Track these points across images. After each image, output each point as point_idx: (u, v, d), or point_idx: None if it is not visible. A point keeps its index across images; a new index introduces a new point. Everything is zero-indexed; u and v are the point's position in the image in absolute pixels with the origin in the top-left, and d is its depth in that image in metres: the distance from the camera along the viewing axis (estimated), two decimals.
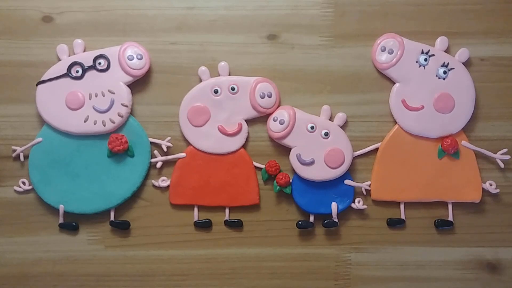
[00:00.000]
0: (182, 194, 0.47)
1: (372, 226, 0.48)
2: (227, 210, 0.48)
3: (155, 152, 0.47)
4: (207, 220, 0.47)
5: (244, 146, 0.47)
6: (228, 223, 0.48)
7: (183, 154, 0.47)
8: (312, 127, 0.46)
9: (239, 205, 0.47)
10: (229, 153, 0.47)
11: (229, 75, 0.47)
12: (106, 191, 0.46)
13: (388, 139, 0.47)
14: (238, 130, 0.46)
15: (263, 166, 0.47)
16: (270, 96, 0.46)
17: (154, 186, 0.47)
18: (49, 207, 0.47)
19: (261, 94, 0.46)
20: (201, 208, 0.47)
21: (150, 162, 0.47)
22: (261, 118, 0.47)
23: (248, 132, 0.47)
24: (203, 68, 0.47)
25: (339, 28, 0.47)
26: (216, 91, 0.46)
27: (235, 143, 0.47)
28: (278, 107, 0.46)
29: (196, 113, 0.46)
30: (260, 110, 0.46)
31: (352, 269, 0.48)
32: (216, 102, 0.46)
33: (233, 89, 0.46)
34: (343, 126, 0.47)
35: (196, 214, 0.47)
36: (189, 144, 0.47)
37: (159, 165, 0.47)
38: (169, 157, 0.47)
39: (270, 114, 0.46)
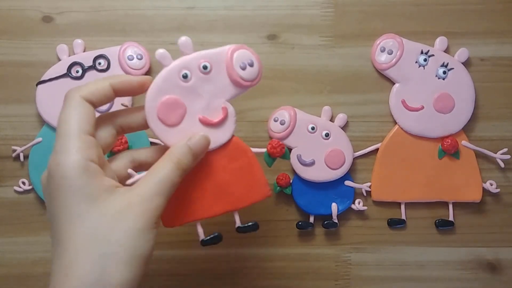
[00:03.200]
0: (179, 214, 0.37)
1: (372, 227, 0.48)
2: (236, 216, 0.38)
3: None
4: (217, 234, 0.38)
5: None
6: (241, 229, 0.39)
7: None
8: (313, 128, 0.46)
9: (249, 204, 0.38)
10: (220, 147, 0.37)
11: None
12: None
13: (388, 139, 0.47)
14: (224, 116, 0.36)
15: (264, 150, 0.43)
16: (251, 65, 0.36)
17: None
18: None
19: (241, 64, 0.36)
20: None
21: None
22: (261, 118, 0.47)
23: (235, 117, 0.37)
24: (160, 50, 0.34)
25: (339, 28, 0.47)
26: (185, 76, 0.35)
27: (225, 132, 0.37)
28: (260, 77, 0.37)
29: (167, 110, 0.35)
30: (243, 84, 0.36)
31: (352, 269, 0.48)
32: (189, 89, 0.35)
33: (205, 67, 0.35)
34: (343, 127, 0.47)
35: (200, 232, 0.38)
36: None
37: None
38: None
39: (254, 86, 0.37)
